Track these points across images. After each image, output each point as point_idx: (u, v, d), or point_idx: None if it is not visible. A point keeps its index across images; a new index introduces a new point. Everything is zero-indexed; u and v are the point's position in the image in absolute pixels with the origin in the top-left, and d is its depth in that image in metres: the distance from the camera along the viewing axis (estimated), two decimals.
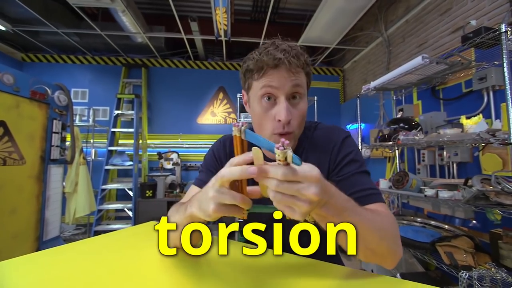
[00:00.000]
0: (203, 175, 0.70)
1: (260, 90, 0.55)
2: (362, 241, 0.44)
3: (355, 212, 0.43)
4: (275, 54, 0.52)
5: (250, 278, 0.48)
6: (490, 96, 1.76)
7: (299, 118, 0.56)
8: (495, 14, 1.83)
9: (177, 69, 3.88)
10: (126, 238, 0.72)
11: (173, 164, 3.43)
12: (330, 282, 0.47)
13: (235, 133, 0.38)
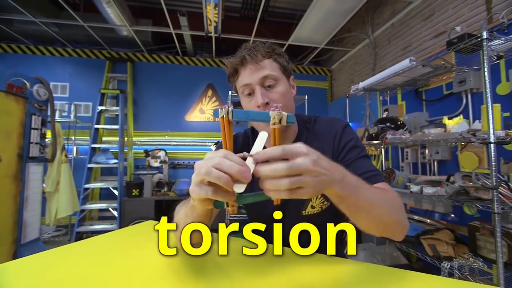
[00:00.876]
0: None
1: (240, 89, 0.64)
2: (376, 215, 0.47)
3: (368, 189, 0.46)
4: (240, 54, 0.62)
5: (252, 275, 0.48)
6: (468, 98, 1.88)
7: (279, 99, 0.61)
8: (474, 21, 1.96)
9: (164, 64, 3.77)
10: (125, 238, 0.70)
11: (161, 162, 3.35)
12: (337, 276, 0.49)
13: (222, 114, 0.37)
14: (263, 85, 0.61)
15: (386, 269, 0.51)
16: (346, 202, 0.43)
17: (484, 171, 1.65)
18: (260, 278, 0.47)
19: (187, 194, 3.24)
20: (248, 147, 0.75)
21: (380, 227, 0.49)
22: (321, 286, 0.44)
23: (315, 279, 0.47)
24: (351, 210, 0.45)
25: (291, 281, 0.46)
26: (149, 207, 2.93)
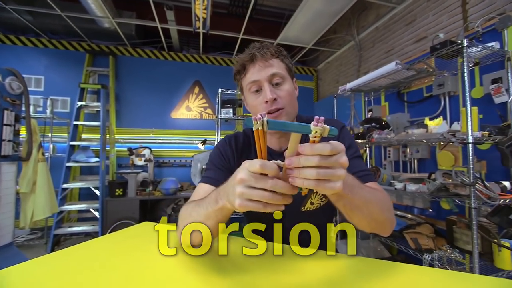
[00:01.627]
0: (212, 173, 0.71)
1: (247, 86, 0.66)
2: (368, 213, 0.50)
3: (362, 188, 0.49)
4: (249, 52, 0.65)
5: (255, 273, 0.49)
6: (446, 100, 2.01)
7: (286, 96, 0.64)
8: (452, 28, 2.09)
9: (149, 59, 3.64)
10: (125, 240, 0.68)
11: (145, 160, 3.24)
12: (339, 271, 0.51)
13: (256, 127, 0.35)
14: (271, 82, 0.63)
15: (383, 263, 0.54)
16: (343, 200, 0.46)
17: (460, 169, 1.78)
18: (263, 275, 0.47)
19: (173, 193, 3.19)
20: (249, 147, 0.76)
21: (371, 224, 0.53)
22: (323, 282, 0.46)
23: (317, 275, 0.48)
24: (347, 207, 0.48)
25: (292, 278, 0.47)
26: (134, 207, 2.83)
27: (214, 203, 0.47)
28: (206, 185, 0.68)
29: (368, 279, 0.46)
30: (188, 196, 3.07)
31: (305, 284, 0.45)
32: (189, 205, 0.58)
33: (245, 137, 0.77)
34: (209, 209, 0.49)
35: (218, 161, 0.73)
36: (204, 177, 0.71)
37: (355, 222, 0.51)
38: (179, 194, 3.09)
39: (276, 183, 0.36)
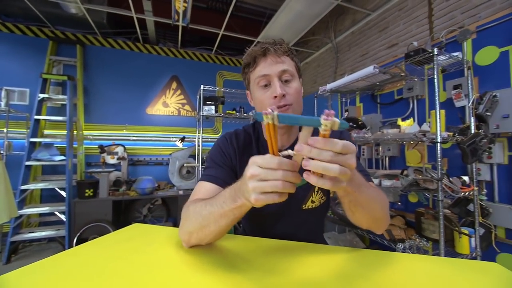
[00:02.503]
0: (213, 170, 0.70)
1: (256, 80, 0.65)
2: (370, 210, 0.53)
3: (367, 186, 0.51)
4: (262, 45, 0.65)
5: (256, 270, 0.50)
6: (414, 103, 2.20)
7: (295, 93, 0.65)
8: (420, 37, 2.28)
9: (122, 51, 3.41)
10: (119, 243, 0.64)
11: (118, 158, 3.05)
12: (335, 262, 0.54)
13: (267, 121, 0.36)
14: (280, 79, 0.63)
15: (379, 253, 0.59)
16: (349, 197, 0.47)
17: (426, 165, 1.97)
18: (269, 272, 0.49)
19: (149, 193, 3.07)
20: (250, 145, 0.75)
21: (370, 221, 0.56)
22: (335, 274, 0.48)
23: (326, 268, 0.51)
24: (351, 204, 0.50)
25: (297, 273, 0.49)
26: (106, 208, 2.65)
27: (232, 202, 0.46)
28: (208, 184, 0.66)
29: (375, 268, 0.50)
30: (166, 195, 2.97)
31: (319, 278, 0.47)
32: (196, 205, 0.56)
33: (246, 134, 0.76)
34: (225, 207, 0.48)
35: (219, 159, 0.71)
36: (205, 175, 0.69)
37: (356, 218, 0.54)
38: (156, 194, 2.96)
39: (286, 174, 0.37)
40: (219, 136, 0.81)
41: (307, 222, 0.75)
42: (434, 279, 0.47)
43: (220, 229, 0.52)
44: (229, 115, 2.33)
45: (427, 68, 2.08)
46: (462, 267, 0.52)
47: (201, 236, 0.55)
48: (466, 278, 0.47)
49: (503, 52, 1.64)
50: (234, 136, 0.75)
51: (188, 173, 3.28)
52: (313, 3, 2.73)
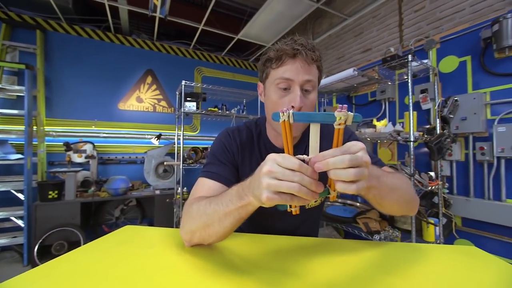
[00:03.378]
0: (215, 167, 0.68)
1: (277, 80, 0.60)
2: (398, 196, 0.53)
3: (386, 176, 0.51)
4: (293, 45, 0.58)
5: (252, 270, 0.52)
6: (386, 105, 2.37)
7: (310, 107, 0.62)
8: (391, 44, 2.46)
9: (90, 40, 3.14)
10: (115, 248, 0.60)
11: (87, 157, 2.82)
12: (337, 254, 0.57)
13: (283, 119, 0.38)
14: (302, 88, 0.59)
15: (374, 243, 0.63)
16: (372, 191, 0.47)
17: (396, 162, 2.14)
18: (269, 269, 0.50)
19: (123, 193, 2.91)
20: (251, 142, 0.75)
21: (403, 206, 0.56)
22: (326, 268, 0.51)
23: (325, 261, 0.54)
24: (377, 197, 0.50)
25: (305, 265, 0.51)
26: (74, 211, 2.44)
27: (238, 199, 0.45)
28: (211, 181, 0.65)
29: (376, 258, 0.54)
30: (141, 196, 2.81)
31: (333, 273, 0.49)
32: (200, 203, 0.54)
33: (248, 131, 0.75)
34: (231, 206, 0.46)
35: (222, 156, 0.70)
36: (207, 171, 0.68)
37: (387, 209, 0.54)
38: (130, 194, 2.79)
39: (303, 177, 0.37)
40: (218, 134, 0.78)
41: (308, 219, 0.77)
42: (430, 264, 0.52)
43: (224, 229, 0.50)
44: (211, 112, 2.29)
45: (398, 73, 2.26)
46: (447, 252, 0.59)
47: (204, 236, 0.53)
48: (452, 261, 0.53)
49: (462, 61, 1.85)
50: (237, 131, 0.74)
51: (165, 172, 3.15)
52: (293, 5, 2.78)
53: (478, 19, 1.80)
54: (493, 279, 0.46)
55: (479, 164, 1.71)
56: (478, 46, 1.75)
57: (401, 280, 0.45)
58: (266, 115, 0.70)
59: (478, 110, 1.67)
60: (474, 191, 1.72)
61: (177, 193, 2.46)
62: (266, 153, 0.76)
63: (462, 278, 0.46)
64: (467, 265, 0.52)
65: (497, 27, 1.57)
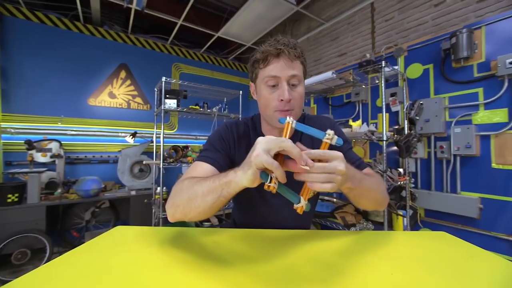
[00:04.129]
0: (210, 153, 0.72)
1: (265, 79, 0.66)
2: (372, 197, 0.64)
3: (366, 179, 0.60)
4: (276, 45, 0.64)
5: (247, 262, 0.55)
6: (360, 106, 2.54)
7: (298, 99, 0.67)
8: (364, 50, 2.64)
9: (56, 29, 2.87)
10: (110, 249, 0.58)
11: (52, 156, 2.59)
12: (326, 244, 0.63)
13: (288, 121, 0.50)
14: (289, 82, 0.64)
15: (371, 233, 0.70)
16: (353, 192, 0.57)
17: (368, 160, 2.31)
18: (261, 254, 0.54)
19: (94, 195, 2.79)
20: (248, 136, 0.78)
21: (373, 204, 0.67)
22: (321, 257, 0.56)
23: (318, 251, 0.59)
24: (356, 196, 0.60)
25: (297, 255, 0.56)
26: (38, 216, 2.23)
27: (223, 177, 0.49)
28: (205, 164, 0.68)
29: (373, 246, 0.60)
30: (115, 197, 2.67)
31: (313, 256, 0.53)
32: (190, 181, 0.57)
33: (245, 126, 0.79)
34: (216, 182, 0.50)
35: (218, 144, 0.74)
36: (203, 156, 0.71)
37: (362, 205, 0.65)
38: (102, 196, 2.63)
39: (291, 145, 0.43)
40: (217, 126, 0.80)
41: (299, 215, 0.82)
42: (403, 248, 0.59)
43: (205, 204, 0.52)
44: (193, 110, 2.25)
45: (370, 76, 2.43)
46: (419, 237, 0.67)
47: (186, 210, 0.55)
48: (426, 245, 0.61)
49: (425, 69, 2.05)
50: (234, 125, 0.78)
51: (141, 172, 3.02)
52: (274, 6, 2.84)
53: (439, 31, 2.02)
54: (462, 258, 0.54)
55: (439, 161, 1.92)
56: (439, 56, 1.96)
57: (386, 262, 0.51)
58: (260, 111, 0.74)
59: (439, 113, 1.88)
60: (435, 185, 1.94)
61: (156, 193, 2.37)
62: None
63: (436, 259, 0.53)
64: (439, 248, 0.60)
65: (454, 40, 1.78)
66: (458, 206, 1.77)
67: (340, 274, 0.46)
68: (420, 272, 0.47)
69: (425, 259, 0.53)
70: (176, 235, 0.67)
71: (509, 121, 1.61)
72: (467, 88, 1.80)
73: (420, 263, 0.51)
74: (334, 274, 0.46)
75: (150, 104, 3.46)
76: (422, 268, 0.48)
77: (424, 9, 2.15)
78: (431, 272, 0.47)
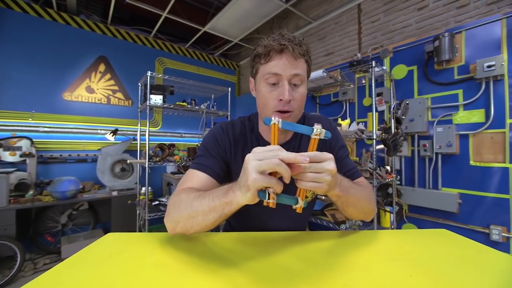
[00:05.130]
0: (205, 160, 0.69)
1: (266, 75, 0.61)
2: (359, 207, 0.64)
3: (355, 188, 0.61)
4: (281, 41, 0.59)
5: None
6: (347, 105, 2.59)
7: (299, 100, 0.63)
8: (351, 50, 2.69)
9: (26, 16, 2.62)
10: (104, 260, 0.53)
11: (22, 155, 2.38)
12: (322, 245, 0.62)
13: (273, 122, 0.48)
14: (290, 82, 0.60)
15: (366, 232, 0.70)
16: (341, 199, 0.57)
17: (355, 159, 2.36)
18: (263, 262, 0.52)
19: (72, 196, 2.64)
20: (245, 136, 0.75)
21: (360, 215, 0.67)
22: (317, 256, 0.55)
23: (313, 252, 0.58)
24: (344, 204, 0.60)
25: (295, 257, 0.54)
26: (6, 220, 2.03)
27: (223, 196, 0.49)
28: (200, 173, 0.66)
29: (360, 245, 0.59)
30: (93, 198, 2.52)
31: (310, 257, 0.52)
32: (188, 195, 0.56)
33: (242, 126, 0.76)
34: (216, 201, 0.50)
35: (213, 149, 0.71)
36: (198, 163, 0.68)
37: (348, 214, 0.65)
38: (80, 197, 2.47)
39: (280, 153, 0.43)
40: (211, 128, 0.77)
41: (300, 215, 0.80)
42: (405, 246, 0.60)
43: (207, 222, 0.52)
44: (180, 107, 2.16)
45: (357, 76, 2.49)
46: (421, 236, 0.68)
47: (187, 226, 0.55)
48: (428, 243, 0.62)
49: (410, 70, 2.13)
50: (230, 126, 0.74)
51: (122, 171, 2.87)
52: (262, 3, 2.81)
53: (422, 34, 2.10)
54: (469, 255, 0.55)
55: (422, 159, 2.01)
56: (422, 58, 2.04)
57: (399, 263, 0.50)
58: (258, 109, 0.70)
59: (422, 113, 1.96)
60: (418, 182, 2.03)
61: (140, 193, 2.26)
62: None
63: (448, 259, 0.54)
64: (446, 246, 0.61)
65: (437, 43, 1.86)
66: (439, 201, 1.86)
67: (354, 278, 0.45)
68: (438, 273, 0.47)
69: (437, 259, 0.53)
70: (171, 240, 0.62)
71: (486, 121, 1.71)
72: (448, 90, 1.89)
73: (433, 263, 0.51)
74: (350, 279, 0.44)
75: (132, 100, 3.29)
76: (438, 269, 0.48)
77: (408, 12, 2.23)
78: (446, 273, 0.47)
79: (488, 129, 1.70)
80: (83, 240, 2.41)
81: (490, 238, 1.65)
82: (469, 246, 0.60)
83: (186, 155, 2.25)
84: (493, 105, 1.67)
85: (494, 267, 0.50)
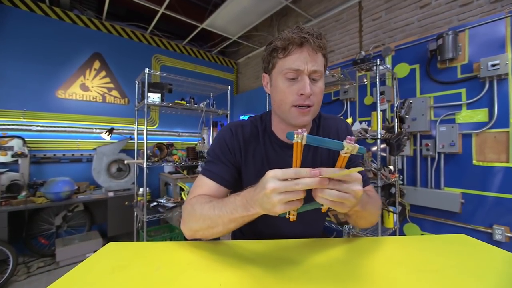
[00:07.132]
0: (214, 166, 0.68)
1: (285, 70, 0.59)
2: (370, 219, 0.65)
3: (369, 202, 0.62)
4: (300, 34, 0.57)
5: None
6: (348, 104, 2.57)
7: (319, 94, 0.61)
8: (352, 48, 2.66)
9: (14, 9, 2.52)
10: (109, 274, 0.49)
11: (14, 155, 2.29)
12: (333, 252, 0.59)
13: (297, 140, 0.42)
14: (310, 76, 0.59)
15: (365, 239, 0.67)
16: (357, 214, 0.59)
17: None
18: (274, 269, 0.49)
19: (66, 198, 2.57)
20: (256, 138, 0.71)
21: (368, 224, 0.68)
22: (324, 264, 0.52)
23: (321, 259, 0.54)
24: (358, 218, 0.62)
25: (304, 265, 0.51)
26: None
27: (244, 210, 0.50)
28: (209, 180, 0.67)
29: (372, 253, 0.56)
30: (90, 199, 2.44)
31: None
32: (203, 206, 0.58)
33: (253, 126, 0.72)
34: (236, 214, 0.51)
35: (222, 154, 0.69)
36: (207, 170, 0.68)
37: (358, 224, 0.66)
38: (75, 198, 2.39)
39: (303, 181, 0.41)
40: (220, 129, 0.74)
41: (316, 220, 0.77)
42: (426, 254, 0.57)
43: (228, 230, 0.56)
44: (179, 106, 2.10)
45: (359, 75, 2.46)
46: (441, 243, 0.65)
47: (207, 235, 0.59)
48: (447, 250, 0.60)
49: (412, 69, 2.11)
50: (240, 128, 0.71)
51: (119, 171, 2.80)
52: (261, 0, 2.75)
53: (424, 33, 2.08)
54: (483, 262, 0.52)
55: (424, 158, 2.00)
56: (425, 57, 2.02)
57: (406, 269, 0.47)
58: (273, 106, 0.67)
59: (425, 111, 1.94)
60: (420, 181, 2.01)
61: (138, 194, 2.20)
62: (271, 148, 0.73)
63: (457, 264, 0.51)
64: (460, 252, 0.58)
65: (440, 42, 1.84)
66: (442, 201, 1.85)
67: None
68: (467, 283, 0.44)
69: (461, 269, 0.50)
70: (177, 251, 0.58)
71: (489, 120, 1.70)
72: (451, 89, 1.87)
73: (460, 275, 0.48)
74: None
75: (128, 98, 3.21)
76: (467, 279, 0.45)
77: (410, 10, 2.20)
78: (474, 282, 0.44)
79: (492, 129, 1.69)
80: (78, 242, 2.35)
81: (493, 238, 1.64)
82: (492, 253, 0.58)
83: (185, 155, 2.20)
84: (496, 105, 1.66)
85: None
